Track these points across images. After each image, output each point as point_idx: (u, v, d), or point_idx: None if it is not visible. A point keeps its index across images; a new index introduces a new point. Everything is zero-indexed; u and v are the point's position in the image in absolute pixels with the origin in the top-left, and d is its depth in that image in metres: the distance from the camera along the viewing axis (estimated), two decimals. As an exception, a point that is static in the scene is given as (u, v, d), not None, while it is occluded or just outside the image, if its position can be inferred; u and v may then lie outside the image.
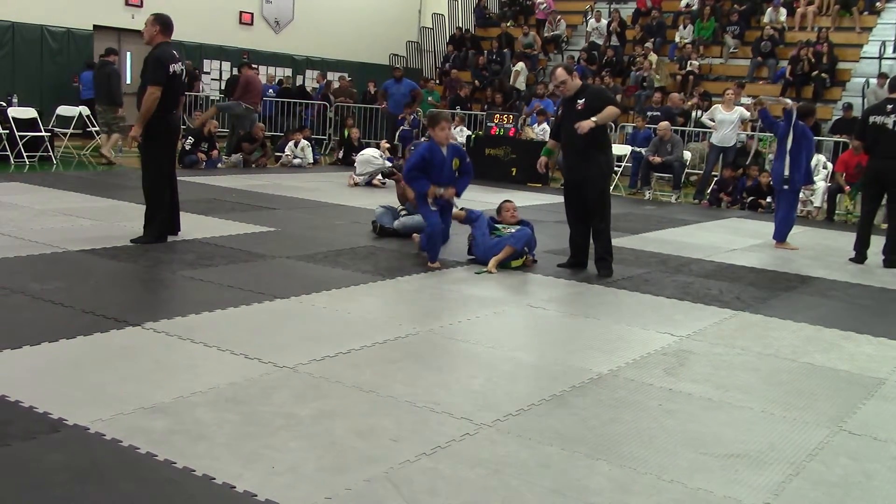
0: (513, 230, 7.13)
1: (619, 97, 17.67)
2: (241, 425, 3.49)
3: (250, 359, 4.31)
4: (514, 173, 14.20)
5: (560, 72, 7.04)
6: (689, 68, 18.26)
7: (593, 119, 6.73)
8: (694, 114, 16.14)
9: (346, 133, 15.86)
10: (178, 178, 7.58)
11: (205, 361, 4.26)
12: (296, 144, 14.92)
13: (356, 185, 12.39)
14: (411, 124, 16.09)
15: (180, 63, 7.21)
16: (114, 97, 13.31)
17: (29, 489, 2.85)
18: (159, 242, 7.08)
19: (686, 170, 14.27)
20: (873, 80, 15.84)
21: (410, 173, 6.92)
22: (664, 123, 14.06)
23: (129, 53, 18.41)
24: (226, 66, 19.89)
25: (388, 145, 13.70)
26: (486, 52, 21.43)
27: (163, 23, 7.14)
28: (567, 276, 6.92)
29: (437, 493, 3.02)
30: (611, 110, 6.86)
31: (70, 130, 14.20)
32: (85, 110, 14.65)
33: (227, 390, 3.86)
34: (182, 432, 3.38)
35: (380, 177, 12.51)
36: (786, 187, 9.21)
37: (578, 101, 6.91)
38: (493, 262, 6.88)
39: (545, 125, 15.47)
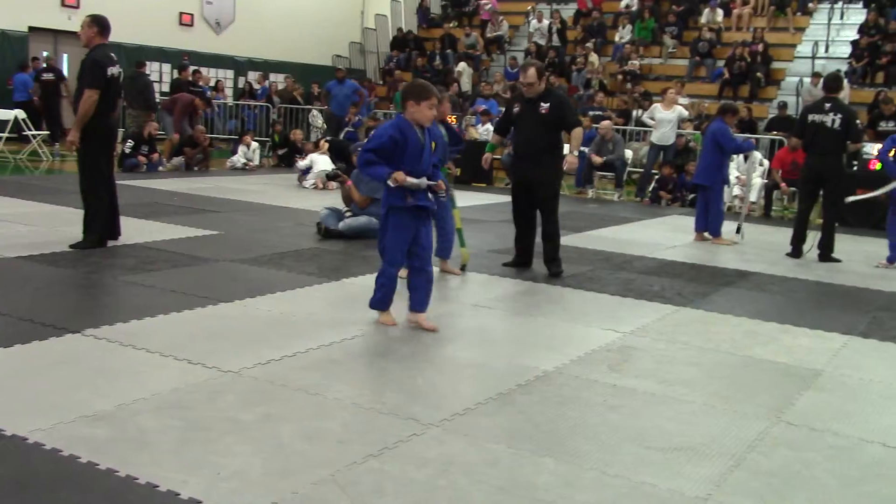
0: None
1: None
2: (186, 431, 3.45)
3: (194, 364, 4.26)
4: (458, 173, 14.24)
5: (532, 73, 6.84)
6: (629, 68, 18.50)
7: (574, 153, 6.95)
8: (634, 113, 16.37)
9: (275, 137, 15.87)
10: (118, 182, 7.46)
11: (147, 368, 4.20)
12: (248, 147, 14.85)
13: (316, 187, 12.36)
14: (355, 125, 16.06)
15: (118, 65, 7.09)
16: (150, 104, 14.47)
17: (-35, 502, 2.78)
18: (99, 247, 6.96)
19: (628, 168, 14.46)
20: (807, 80, 16.23)
21: (366, 155, 4.94)
22: (606, 123, 14.23)
23: (65, 56, 18.04)
24: (166, 67, 19.60)
25: (327, 145, 13.67)
26: (429, 52, 21.46)
27: (100, 24, 7.02)
28: (512, 276, 6.97)
29: (384, 494, 3.02)
30: (579, 132, 7.04)
31: (5, 135, 13.86)
32: (21, 113, 14.33)
33: (171, 396, 3.81)
34: (124, 440, 3.32)
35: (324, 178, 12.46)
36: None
37: (543, 104, 6.84)
38: (447, 264, 6.76)
39: (489, 125, 15.57)
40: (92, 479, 3.00)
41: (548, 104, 6.87)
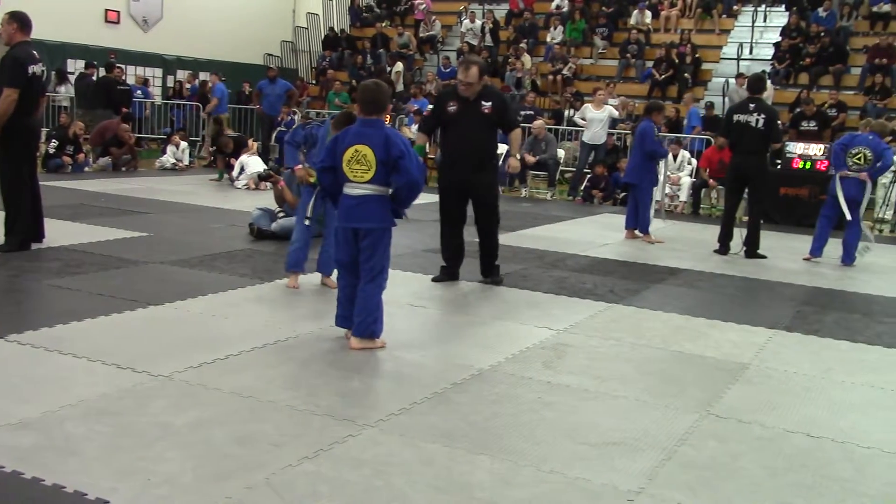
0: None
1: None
2: (115, 437, 3.37)
3: (122, 368, 4.17)
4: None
5: (475, 72, 6.48)
6: (563, 70, 18.68)
7: (517, 156, 6.98)
8: (566, 113, 16.56)
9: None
10: (43, 183, 7.26)
11: (74, 373, 4.10)
12: (177, 146, 14.61)
13: (249, 188, 12.19)
14: (287, 125, 15.91)
15: (41, 63, 6.90)
16: (92, 104, 15.16)
17: None
18: (22, 251, 6.77)
19: (560, 167, 14.62)
20: (732, 80, 16.61)
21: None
22: (538, 122, 14.36)
23: (-15, 53, 17.46)
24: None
25: (255, 144, 13.55)
26: (361, 52, 21.37)
27: (20, 20, 6.82)
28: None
29: (319, 496, 3.00)
30: (518, 134, 7.04)
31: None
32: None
33: (99, 402, 3.73)
34: (51, 448, 3.24)
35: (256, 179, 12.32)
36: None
37: (483, 103, 6.54)
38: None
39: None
40: (17, 489, 2.92)
41: (489, 103, 6.56)
